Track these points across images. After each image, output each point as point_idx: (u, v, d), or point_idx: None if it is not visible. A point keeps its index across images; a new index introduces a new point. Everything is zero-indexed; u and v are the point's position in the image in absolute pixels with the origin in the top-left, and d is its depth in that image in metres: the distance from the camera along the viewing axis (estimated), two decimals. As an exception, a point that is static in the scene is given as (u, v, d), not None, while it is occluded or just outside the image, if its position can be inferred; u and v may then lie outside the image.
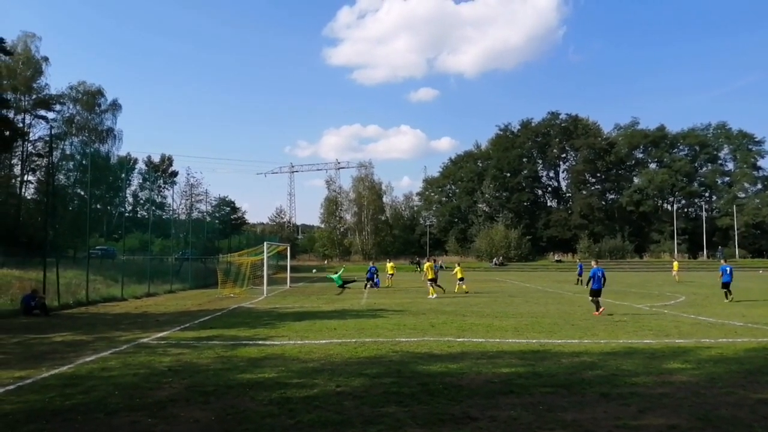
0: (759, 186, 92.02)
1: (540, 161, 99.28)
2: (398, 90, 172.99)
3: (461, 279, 27.61)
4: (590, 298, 17.06)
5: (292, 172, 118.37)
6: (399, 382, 7.61)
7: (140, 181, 61.09)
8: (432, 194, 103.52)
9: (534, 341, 11.41)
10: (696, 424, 5.63)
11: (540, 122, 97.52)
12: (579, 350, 10.24)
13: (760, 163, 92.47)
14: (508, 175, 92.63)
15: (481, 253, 76.32)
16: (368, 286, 29.61)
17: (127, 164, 56.99)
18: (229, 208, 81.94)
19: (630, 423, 5.68)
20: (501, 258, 72.56)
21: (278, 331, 13.00)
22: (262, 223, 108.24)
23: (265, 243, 26.83)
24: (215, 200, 62.70)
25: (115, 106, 54.16)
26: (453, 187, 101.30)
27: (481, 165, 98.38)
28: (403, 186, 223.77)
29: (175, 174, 75.99)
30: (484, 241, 76.84)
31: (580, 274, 33.61)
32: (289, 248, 35.92)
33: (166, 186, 67.10)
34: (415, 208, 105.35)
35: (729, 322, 14.49)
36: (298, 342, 11.29)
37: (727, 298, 21.39)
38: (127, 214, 48.31)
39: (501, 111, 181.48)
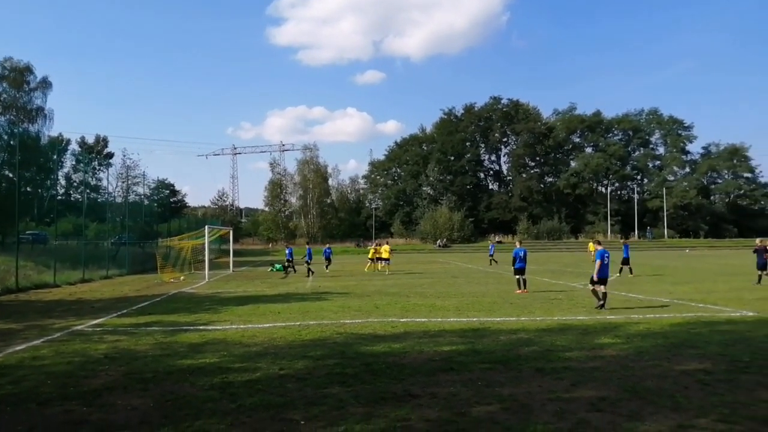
0: (687, 169, 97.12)
1: (482, 145, 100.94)
2: (344, 72, 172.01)
3: (387, 260, 29.10)
4: (516, 276, 17.81)
5: (235, 154, 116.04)
6: (342, 363, 7.67)
7: (73, 162, 58.32)
8: (378, 177, 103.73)
9: (474, 320, 11.71)
10: (623, 395, 5.94)
11: (483, 107, 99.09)
12: (516, 327, 10.59)
13: (689, 147, 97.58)
14: (452, 158, 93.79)
15: (425, 235, 77.35)
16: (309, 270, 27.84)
17: (59, 145, 54.22)
18: (168, 191, 79.60)
19: (562, 396, 5.95)
20: (444, 240, 73.74)
21: (220, 316, 12.82)
22: (204, 207, 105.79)
23: (206, 227, 26.24)
24: (153, 183, 60.75)
25: (45, 84, 51.26)
26: (398, 170, 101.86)
27: (425, 148, 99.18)
28: (350, 169, 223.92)
29: (110, 156, 73.10)
30: (428, 224, 77.93)
31: (491, 254, 35.28)
32: (231, 232, 35.28)
33: (101, 168, 64.41)
34: (361, 192, 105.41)
35: (656, 299, 15.32)
36: (241, 326, 11.17)
37: (620, 274, 23.27)
38: (59, 198, 46.06)
39: (446, 95, 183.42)
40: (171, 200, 74.86)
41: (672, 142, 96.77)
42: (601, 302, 13.19)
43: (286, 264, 28.82)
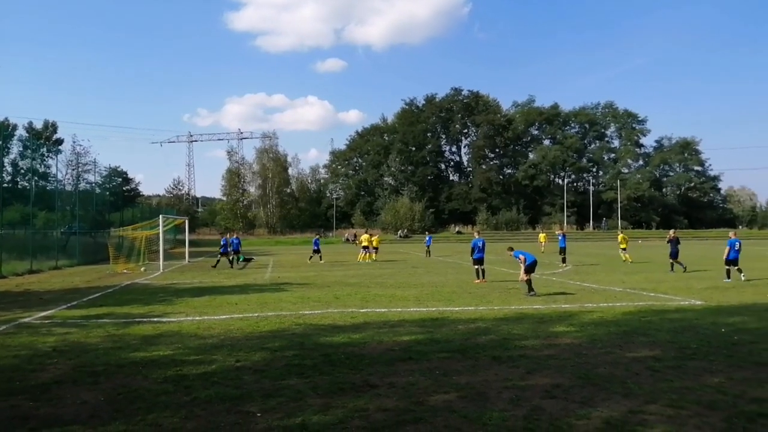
0: (640, 162, 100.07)
1: (443, 136, 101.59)
2: (305, 59, 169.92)
3: (376, 249, 31.17)
4: (474, 267, 18.46)
5: (191, 141, 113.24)
6: (301, 354, 7.61)
7: (20, 149, 55.87)
8: (339, 167, 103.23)
9: (433, 309, 11.80)
10: (577, 382, 6.08)
11: (444, 98, 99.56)
12: (474, 317, 10.72)
13: (643, 140, 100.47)
14: (413, 149, 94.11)
15: (386, 226, 77.51)
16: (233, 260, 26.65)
17: (4, 130, 51.84)
18: (121, 179, 77.20)
19: (518, 383, 6.04)
20: (405, 230, 74.09)
21: (175, 308, 12.54)
22: (158, 196, 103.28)
23: (161, 216, 25.59)
24: (105, 170, 58.81)
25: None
26: (360, 160, 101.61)
27: (387, 139, 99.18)
28: (311, 158, 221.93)
29: (60, 142, 70.41)
30: (389, 214, 78.14)
31: (428, 244, 36.91)
32: (187, 222, 34.54)
33: (50, 155, 62.00)
34: (322, 181, 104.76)
35: (610, 288, 15.74)
36: (197, 318, 10.95)
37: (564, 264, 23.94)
38: (5, 185, 44.16)
39: (408, 85, 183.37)
40: (124, 189, 72.70)
41: (626, 135, 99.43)
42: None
43: (228, 253, 27.01)
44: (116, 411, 5.26)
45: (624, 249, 29.19)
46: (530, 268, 14.39)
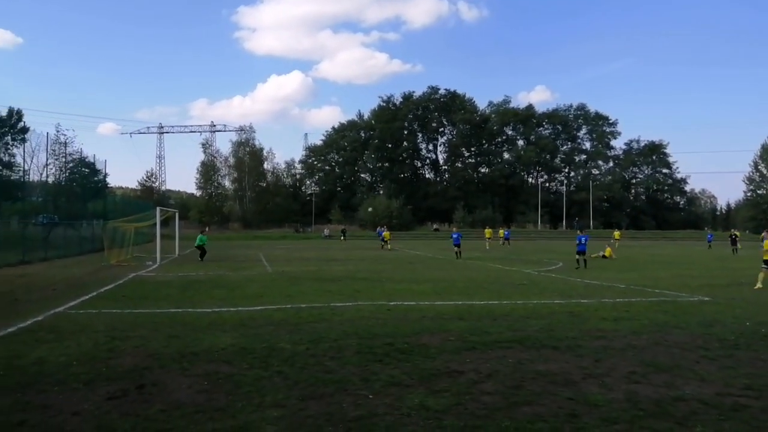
0: (611, 164, 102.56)
1: (420, 134, 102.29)
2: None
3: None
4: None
5: (161, 133, 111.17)
6: (363, 343, 7.79)
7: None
8: (315, 162, 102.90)
9: (460, 303, 12.10)
10: (648, 369, 6.40)
11: (421, 96, 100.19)
12: (506, 310, 11.02)
13: (613, 143, 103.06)
14: (390, 146, 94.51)
15: (364, 222, 77.74)
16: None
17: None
18: (88, 170, 75.13)
19: (595, 371, 6.34)
20: (384, 227, 74.31)
21: (203, 300, 12.57)
22: (122, 187, 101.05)
23: (158, 209, 25.33)
24: (74, 160, 57.40)
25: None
26: (336, 156, 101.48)
27: (363, 135, 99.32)
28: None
29: (25, 130, 68.28)
30: (367, 211, 78.38)
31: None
32: (177, 214, 34.18)
33: (15, 143, 60.10)
34: (298, 176, 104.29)
35: (614, 285, 16.28)
36: (231, 309, 11.02)
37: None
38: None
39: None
40: (93, 179, 71.04)
41: (598, 137, 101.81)
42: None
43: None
44: (228, 394, 5.41)
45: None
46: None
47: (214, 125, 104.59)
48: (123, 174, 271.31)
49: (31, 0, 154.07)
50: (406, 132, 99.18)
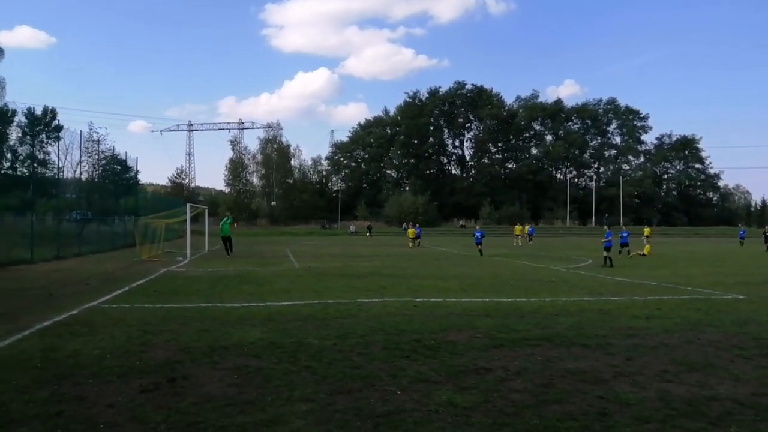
0: (642, 159, 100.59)
1: (446, 130, 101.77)
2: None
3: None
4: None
5: (191, 130, 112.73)
6: (390, 339, 7.82)
7: (20, 135, 55.36)
8: (341, 159, 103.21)
9: (487, 300, 12.04)
10: (681, 368, 6.30)
11: (447, 92, 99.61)
12: (534, 308, 10.91)
13: (644, 137, 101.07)
14: (416, 142, 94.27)
15: (390, 219, 77.78)
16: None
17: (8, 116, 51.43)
18: (120, 167, 76.63)
19: (626, 369, 6.28)
20: (410, 223, 74.27)
21: (233, 295, 12.74)
22: (153, 184, 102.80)
23: (188, 205, 25.72)
24: (106, 158, 58.57)
25: (-4, 52, 48.64)
26: (362, 152, 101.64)
27: (389, 131, 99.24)
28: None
29: (59, 129, 70.00)
30: (393, 207, 78.36)
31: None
32: (207, 211, 34.67)
33: (50, 141, 61.65)
34: (324, 173, 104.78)
35: (645, 282, 16.00)
36: (260, 304, 11.16)
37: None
38: (7, 171, 43.99)
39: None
40: (124, 176, 72.46)
41: (628, 131, 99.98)
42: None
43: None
44: (258, 388, 5.49)
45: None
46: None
47: (242, 122, 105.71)
48: (154, 171, 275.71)
49: (65, 1, 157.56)
50: (432, 128, 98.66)
